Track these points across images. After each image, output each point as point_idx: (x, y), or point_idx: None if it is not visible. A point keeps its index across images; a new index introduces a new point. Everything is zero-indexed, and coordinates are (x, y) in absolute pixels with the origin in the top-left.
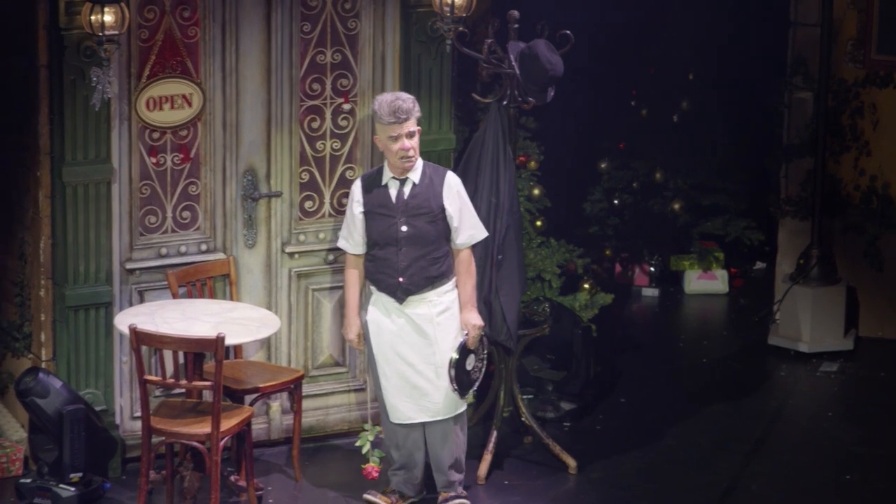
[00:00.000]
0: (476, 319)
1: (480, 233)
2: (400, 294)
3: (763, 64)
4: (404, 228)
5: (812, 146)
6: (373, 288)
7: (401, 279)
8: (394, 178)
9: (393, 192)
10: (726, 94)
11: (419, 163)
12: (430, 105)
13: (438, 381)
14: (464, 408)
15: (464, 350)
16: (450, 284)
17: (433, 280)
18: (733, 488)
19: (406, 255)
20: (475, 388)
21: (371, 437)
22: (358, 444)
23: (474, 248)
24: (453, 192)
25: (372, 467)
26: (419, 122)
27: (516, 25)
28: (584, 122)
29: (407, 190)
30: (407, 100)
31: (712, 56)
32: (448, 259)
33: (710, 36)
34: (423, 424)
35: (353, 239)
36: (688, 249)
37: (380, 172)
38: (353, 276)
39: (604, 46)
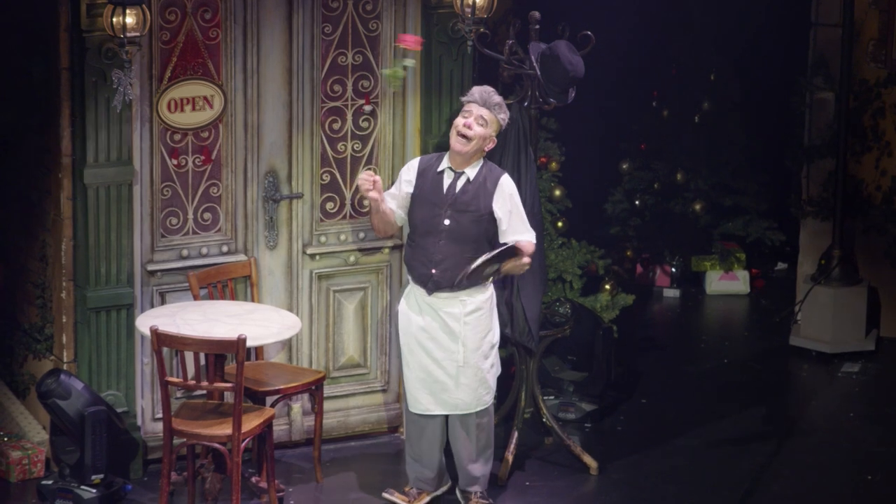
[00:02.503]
0: (529, 248)
1: (529, 237)
2: (430, 286)
3: (784, 64)
4: (447, 222)
5: (833, 147)
6: (408, 278)
7: (433, 271)
8: (450, 168)
9: (446, 183)
10: (748, 95)
11: (479, 161)
12: (451, 106)
13: (461, 378)
14: (487, 405)
15: (492, 260)
16: (482, 287)
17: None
18: (755, 489)
19: (444, 249)
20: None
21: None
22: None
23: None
24: (505, 196)
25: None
26: (497, 126)
27: (537, 26)
28: (605, 123)
29: (460, 184)
30: (498, 97)
31: (734, 57)
32: None
33: (732, 37)
34: (445, 419)
35: (396, 211)
36: (709, 250)
37: (438, 160)
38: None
39: (625, 47)
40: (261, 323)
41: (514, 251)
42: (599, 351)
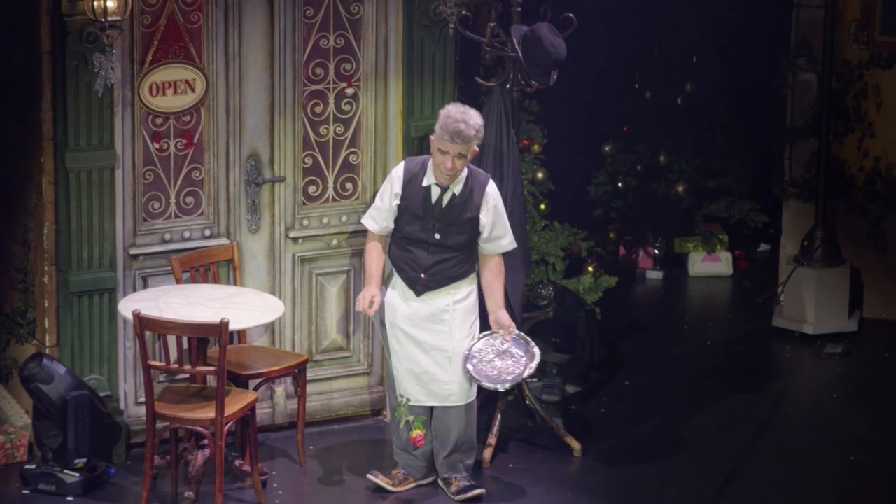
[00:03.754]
0: (508, 320)
1: (509, 245)
2: (419, 288)
3: (767, 46)
4: (437, 236)
5: (816, 128)
6: (394, 271)
7: (423, 275)
8: (436, 184)
9: (433, 197)
10: (730, 77)
11: (463, 172)
12: (434, 89)
13: (450, 368)
14: (474, 396)
15: (493, 342)
16: (470, 279)
17: (454, 279)
18: (738, 470)
19: (433, 257)
20: (508, 384)
21: (406, 406)
22: (397, 415)
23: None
24: (490, 205)
25: (419, 434)
26: (476, 146)
27: (519, 9)
28: (587, 106)
29: (446, 199)
30: (472, 127)
31: (716, 38)
32: (471, 259)
33: (714, 18)
34: (431, 409)
35: (379, 223)
36: (692, 232)
37: (424, 170)
38: (375, 248)
39: (608, 30)
40: (243, 306)
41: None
42: (582, 333)
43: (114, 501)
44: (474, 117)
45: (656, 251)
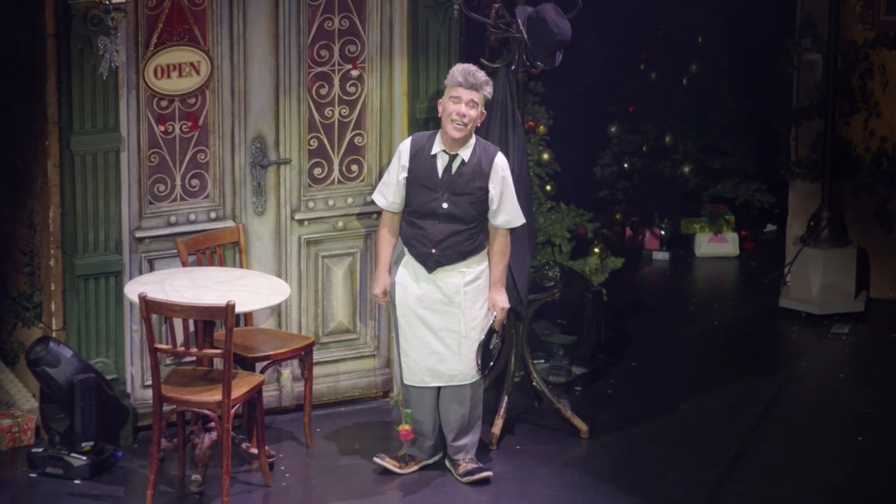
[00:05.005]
0: (504, 301)
1: (518, 219)
2: (431, 264)
3: (772, 26)
4: (445, 205)
5: (822, 108)
6: (404, 249)
7: (434, 251)
8: (444, 151)
9: (440, 166)
10: (735, 57)
11: (471, 140)
12: (439, 70)
13: (459, 350)
14: (479, 377)
15: (490, 332)
16: (481, 255)
17: (465, 254)
18: (744, 451)
19: (443, 230)
20: (492, 364)
21: (400, 398)
22: (391, 404)
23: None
24: (498, 176)
25: (405, 429)
26: (485, 103)
27: None
28: (593, 86)
29: (455, 166)
30: (482, 75)
31: (721, 18)
32: (482, 233)
33: None
34: (438, 389)
35: (388, 198)
36: (698, 212)
37: (430, 141)
38: (386, 234)
39: (613, 10)
40: (249, 289)
41: (492, 325)
42: (589, 314)
43: (121, 484)
44: (482, 73)
45: (662, 232)
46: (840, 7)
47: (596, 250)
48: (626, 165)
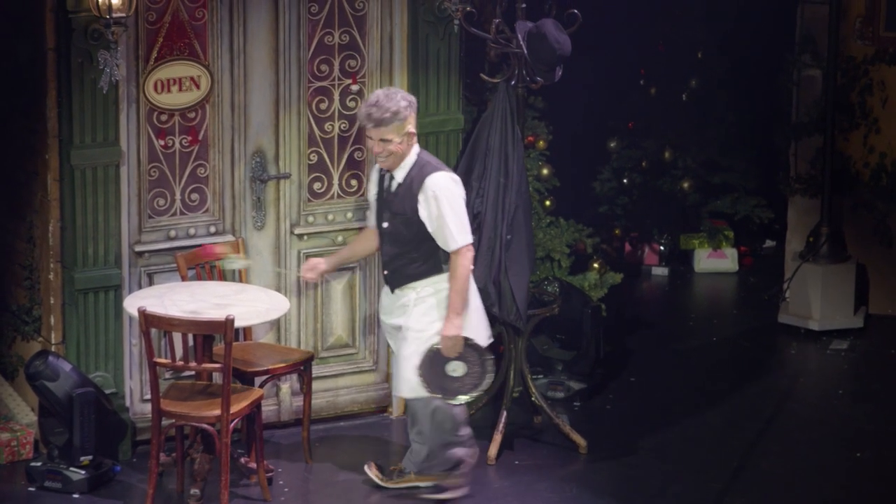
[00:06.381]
0: (448, 329)
1: (452, 243)
2: (388, 283)
3: (772, 42)
4: (385, 225)
5: (821, 124)
6: None
7: (385, 272)
8: (386, 171)
9: (386, 185)
10: (735, 73)
11: (409, 160)
12: (439, 85)
13: (398, 355)
14: (402, 395)
15: (438, 354)
16: (436, 278)
17: (412, 278)
18: (744, 466)
19: (388, 251)
20: (469, 396)
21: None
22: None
23: (483, 227)
24: (428, 198)
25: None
26: (402, 123)
27: (524, 5)
28: (592, 102)
29: (393, 186)
30: (385, 109)
31: (721, 34)
32: (432, 258)
33: (719, 14)
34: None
35: (369, 217)
36: (697, 228)
37: None
38: (357, 238)
39: (613, 25)
40: (249, 303)
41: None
42: (588, 329)
43: (120, 499)
44: (392, 99)
45: (662, 247)
46: (840, 23)
47: (595, 265)
48: (625, 181)
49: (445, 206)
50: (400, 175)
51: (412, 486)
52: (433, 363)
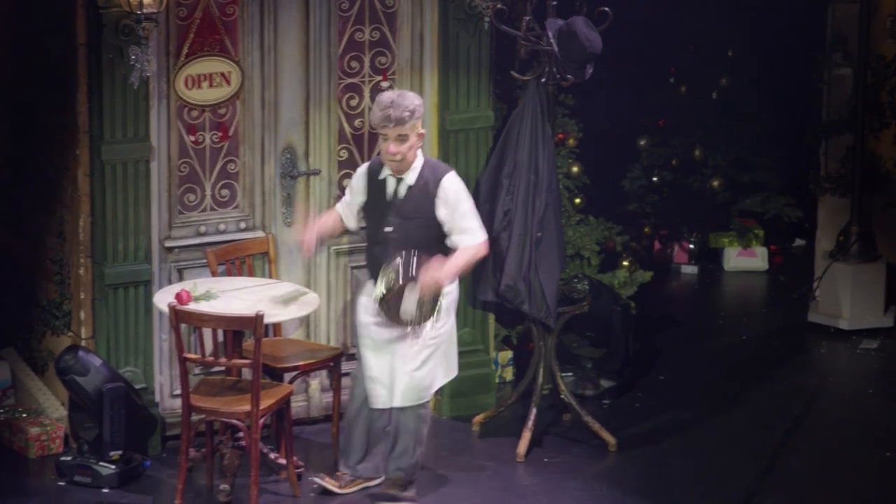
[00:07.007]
0: (440, 272)
1: (471, 239)
2: None
3: (802, 41)
4: (389, 229)
5: (851, 123)
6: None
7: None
8: (391, 175)
9: (389, 190)
10: (765, 71)
11: (418, 162)
12: (469, 82)
13: (398, 369)
14: (413, 403)
15: (409, 290)
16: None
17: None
18: (773, 466)
19: (392, 256)
20: (412, 326)
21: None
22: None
23: (513, 225)
24: (449, 198)
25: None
26: (417, 121)
27: (555, 2)
28: (623, 99)
29: (402, 190)
30: (403, 108)
31: (751, 33)
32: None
33: (750, 13)
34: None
35: (346, 215)
36: (727, 226)
37: (381, 165)
38: (329, 214)
39: (643, 23)
40: (279, 299)
41: (414, 265)
42: (617, 327)
43: (149, 494)
44: (406, 97)
45: (691, 246)
46: (870, 22)
47: (625, 263)
48: (655, 179)
49: (465, 203)
50: (411, 177)
51: (364, 487)
52: (396, 296)
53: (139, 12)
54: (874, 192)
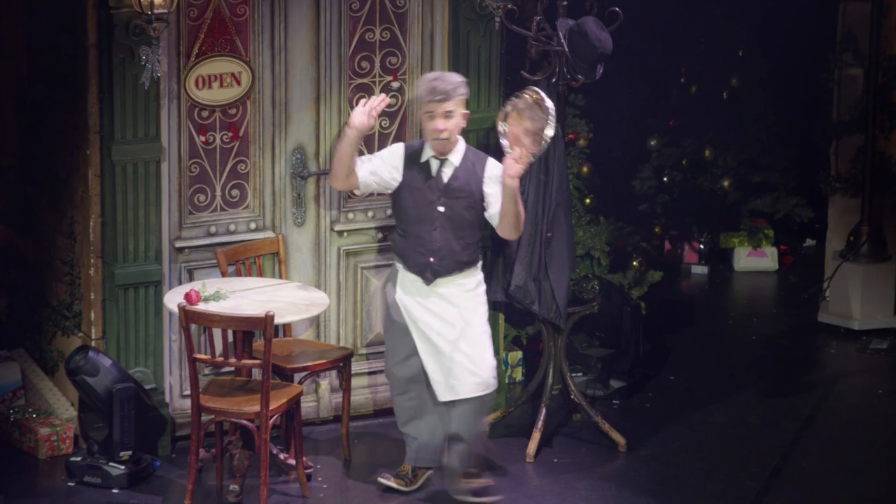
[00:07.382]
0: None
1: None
2: (429, 274)
3: (813, 40)
4: (441, 209)
5: (862, 123)
6: (399, 266)
7: (432, 259)
8: (434, 156)
9: (433, 171)
10: (776, 71)
11: (461, 145)
12: (479, 83)
13: (463, 360)
14: (486, 392)
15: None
16: (476, 268)
17: (462, 265)
18: (783, 466)
19: (440, 236)
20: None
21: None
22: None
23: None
24: (494, 178)
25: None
26: (464, 105)
27: (565, 2)
28: (633, 100)
29: (447, 171)
30: (449, 81)
31: (762, 33)
32: (477, 247)
33: (760, 12)
34: (449, 403)
35: (364, 167)
36: (737, 227)
37: (422, 147)
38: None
39: (653, 23)
40: (289, 300)
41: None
42: (627, 327)
43: (159, 494)
44: (451, 76)
45: (701, 246)
46: (881, 21)
47: (635, 263)
48: (665, 179)
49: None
50: (456, 158)
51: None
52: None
53: (150, 13)
54: (884, 192)
